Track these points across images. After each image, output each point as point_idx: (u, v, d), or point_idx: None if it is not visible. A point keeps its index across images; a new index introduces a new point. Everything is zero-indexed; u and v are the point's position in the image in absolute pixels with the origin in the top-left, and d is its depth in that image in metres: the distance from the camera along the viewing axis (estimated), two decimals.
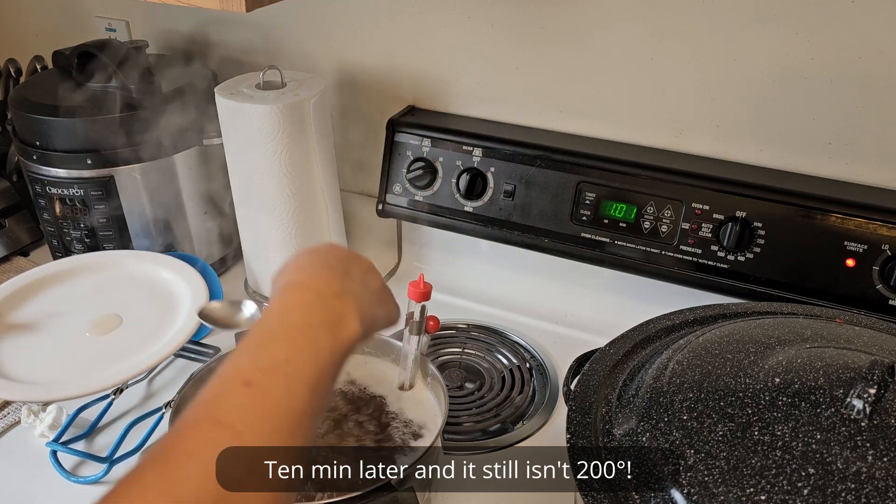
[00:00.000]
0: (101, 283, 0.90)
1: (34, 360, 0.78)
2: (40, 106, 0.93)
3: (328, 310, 0.50)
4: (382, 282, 0.59)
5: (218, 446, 0.39)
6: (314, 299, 0.50)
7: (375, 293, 0.56)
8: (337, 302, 0.51)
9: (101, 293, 0.88)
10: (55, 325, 0.83)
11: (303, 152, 0.88)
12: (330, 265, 0.54)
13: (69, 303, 0.86)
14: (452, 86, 0.98)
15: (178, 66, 1.01)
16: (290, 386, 0.44)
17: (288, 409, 0.44)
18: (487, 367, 0.88)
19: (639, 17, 0.84)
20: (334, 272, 0.53)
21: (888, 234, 0.75)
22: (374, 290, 0.56)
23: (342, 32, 1.01)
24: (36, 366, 0.77)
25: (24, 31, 1.29)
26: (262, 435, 0.42)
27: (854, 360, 0.52)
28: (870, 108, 0.78)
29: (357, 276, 0.55)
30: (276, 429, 0.43)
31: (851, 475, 0.45)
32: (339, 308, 0.50)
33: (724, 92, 0.84)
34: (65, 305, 0.86)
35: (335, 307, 0.50)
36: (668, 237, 0.84)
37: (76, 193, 0.93)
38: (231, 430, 0.41)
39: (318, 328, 0.48)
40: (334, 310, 0.50)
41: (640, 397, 0.56)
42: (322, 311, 0.50)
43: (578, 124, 0.93)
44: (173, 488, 0.38)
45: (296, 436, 0.43)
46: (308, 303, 0.50)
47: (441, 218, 0.95)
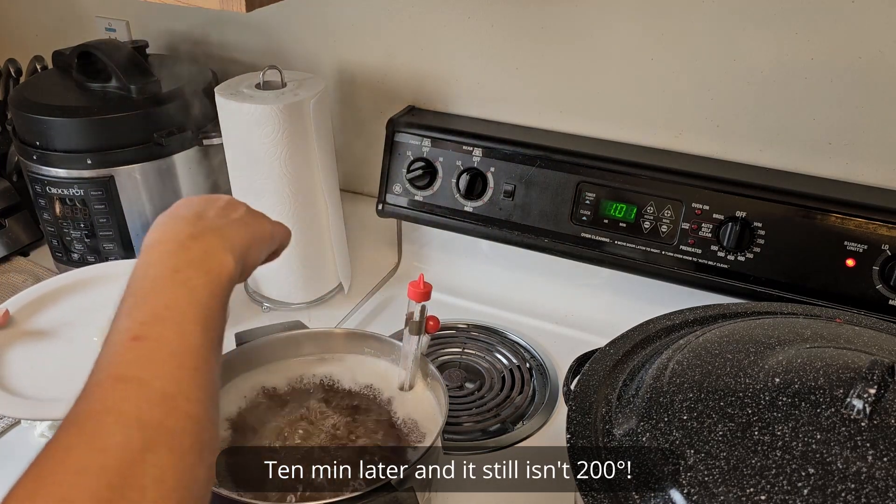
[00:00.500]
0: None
1: (41, 373, 0.78)
2: (40, 106, 0.93)
3: (189, 251, 0.50)
4: (246, 207, 0.59)
5: (128, 399, 0.40)
6: (172, 248, 0.51)
7: (239, 219, 0.56)
8: (195, 243, 0.51)
9: None
10: (68, 335, 0.83)
11: (303, 152, 0.88)
12: (180, 215, 0.55)
13: (84, 313, 0.86)
14: (452, 86, 0.98)
15: (178, 66, 1.01)
16: (179, 328, 0.45)
17: (185, 348, 0.44)
18: (487, 367, 0.88)
19: (639, 17, 0.84)
20: (186, 220, 0.54)
21: (888, 234, 0.75)
22: (237, 217, 0.57)
23: (342, 32, 1.01)
24: (42, 380, 0.77)
25: (24, 31, 1.29)
26: (167, 377, 0.42)
27: (854, 360, 0.52)
28: (870, 109, 0.78)
29: (213, 213, 0.55)
30: (179, 366, 0.43)
31: (851, 475, 0.45)
32: (200, 247, 0.51)
33: (724, 92, 0.84)
34: (79, 316, 0.86)
35: (195, 247, 0.51)
36: (668, 237, 0.84)
37: (76, 193, 0.93)
38: (136, 381, 0.41)
39: (186, 270, 0.49)
40: (194, 250, 0.51)
41: (640, 397, 0.56)
42: (184, 254, 0.50)
43: (578, 124, 0.93)
44: (98, 442, 0.38)
45: (200, 369, 0.44)
46: (168, 252, 0.50)
47: (441, 218, 0.95)
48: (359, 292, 1.00)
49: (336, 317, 0.96)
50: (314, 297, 0.98)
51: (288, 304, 0.98)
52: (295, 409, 0.70)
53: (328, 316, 0.96)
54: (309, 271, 0.96)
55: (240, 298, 1.01)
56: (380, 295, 1.01)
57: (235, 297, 1.03)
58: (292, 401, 0.71)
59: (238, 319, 0.95)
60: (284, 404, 0.70)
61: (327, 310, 0.98)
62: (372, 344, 0.76)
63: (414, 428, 0.68)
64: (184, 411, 0.42)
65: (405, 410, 0.70)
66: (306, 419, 0.68)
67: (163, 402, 0.41)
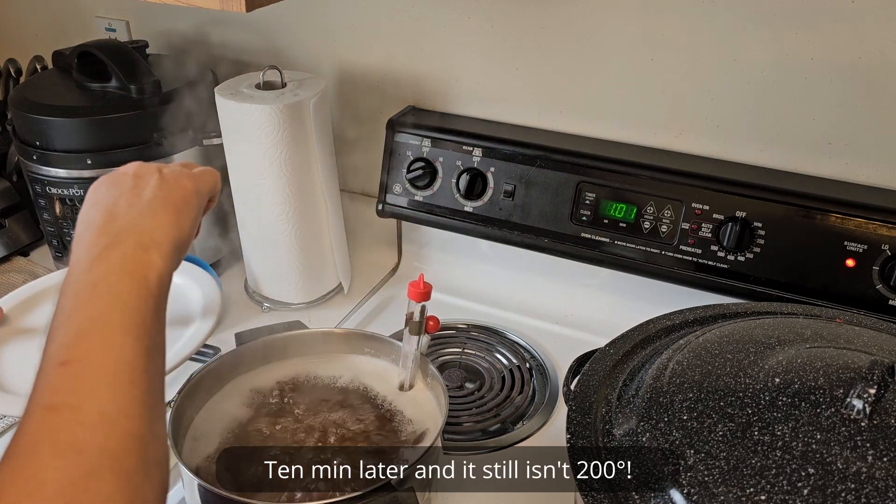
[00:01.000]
0: None
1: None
2: (40, 106, 0.93)
3: (106, 261, 0.47)
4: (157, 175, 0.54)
5: (61, 428, 0.38)
6: (87, 264, 0.47)
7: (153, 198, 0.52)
8: (111, 252, 0.48)
9: None
10: None
11: (303, 152, 0.88)
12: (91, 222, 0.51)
13: None
14: (452, 86, 0.98)
15: (178, 66, 1.01)
16: (107, 342, 0.43)
17: (116, 363, 0.42)
18: (487, 367, 0.88)
19: (639, 18, 0.84)
20: (97, 227, 0.50)
21: (888, 234, 0.75)
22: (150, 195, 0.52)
23: (342, 32, 1.01)
24: None
25: (24, 31, 1.29)
26: (101, 397, 0.40)
27: (854, 360, 0.52)
28: (870, 109, 0.78)
29: (124, 204, 0.51)
30: (112, 384, 0.41)
31: (851, 475, 0.45)
32: (118, 255, 0.48)
33: (724, 92, 0.84)
34: None
35: (112, 257, 0.47)
36: (668, 237, 0.84)
37: (76, 193, 0.93)
38: (67, 408, 0.39)
39: (107, 278, 0.46)
40: (112, 259, 0.47)
41: (640, 397, 0.56)
42: (101, 267, 0.47)
43: (578, 124, 0.93)
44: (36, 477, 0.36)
45: (137, 381, 0.42)
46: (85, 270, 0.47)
47: (441, 218, 0.95)
48: (359, 292, 1.00)
49: (336, 317, 0.96)
50: (314, 297, 0.98)
51: (288, 304, 0.98)
52: (295, 410, 0.70)
53: (328, 316, 0.96)
54: (309, 271, 0.96)
55: (240, 298, 1.01)
56: (380, 295, 1.01)
57: (235, 297, 1.03)
58: (292, 401, 0.71)
59: (238, 319, 0.96)
60: (284, 405, 0.70)
61: (327, 310, 0.98)
62: (372, 344, 0.76)
63: (414, 428, 0.68)
64: (124, 430, 0.40)
65: (405, 410, 0.70)
66: (306, 419, 0.69)
67: (100, 424, 0.39)
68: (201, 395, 0.70)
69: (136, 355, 0.43)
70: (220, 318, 0.96)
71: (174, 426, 0.64)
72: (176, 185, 0.55)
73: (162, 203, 0.52)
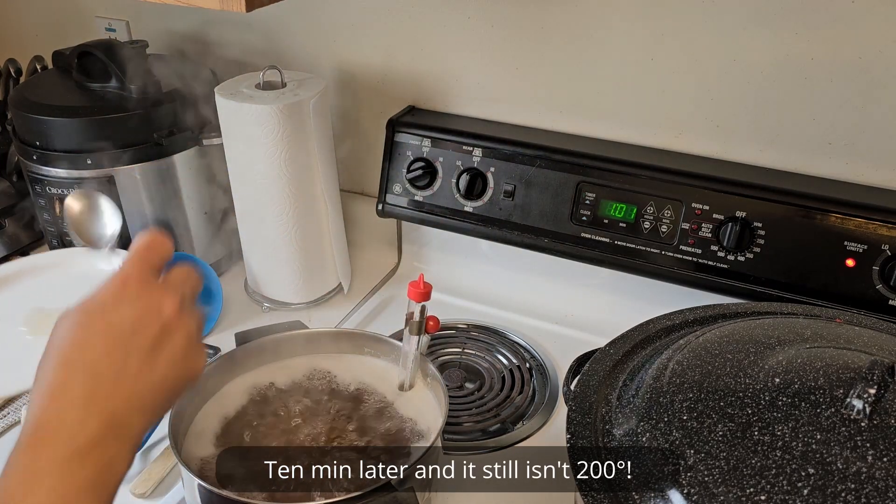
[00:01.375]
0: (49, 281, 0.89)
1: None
2: (40, 106, 0.93)
3: (82, 468, 0.38)
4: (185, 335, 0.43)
5: None
6: (61, 454, 0.38)
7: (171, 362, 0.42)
8: (93, 453, 0.38)
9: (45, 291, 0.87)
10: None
11: (303, 152, 0.88)
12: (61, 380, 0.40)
13: (17, 302, 0.85)
14: (452, 86, 0.98)
15: (179, 66, 1.01)
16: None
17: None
18: (487, 367, 0.88)
19: (639, 18, 0.84)
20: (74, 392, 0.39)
21: (888, 234, 0.75)
22: (168, 359, 0.42)
23: (342, 32, 1.01)
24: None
25: (24, 31, 1.29)
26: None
27: (854, 360, 0.52)
28: (870, 108, 0.78)
29: (136, 360, 0.41)
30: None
31: (851, 475, 0.45)
32: (96, 461, 0.39)
33: (724, 92, 0.84)
34: (11, 306, 0.85)
35: (90, 461, 0.38)
36: (668, 237, 0.84)
37: None
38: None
39: (78, 495, 0.38)
40: (88, 465, 0.38)
41: (640, 397, 0.56)
42: (74, 474, 0.38)
43: (578, 124, 0.93)
44: None
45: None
46: (54, 460, 0.38)
47: (441, 218, 0.95)
48: (359, 292, 1.00)
49: (336, 317, 0.96)
50: (314, 297, 0.98)
51: (288, 304, 0.98)
52: (294, 410, 0.70)
53: (328, 316, 0.96)
54: (309, 271, 0.96)
55: (240, 298, 1.01)
56: (380, 295, 1.01)
57: (235, 297, 1.03)
58: (292, 401, 0.71)
59: (238, 319, 0.96)
60: (284, 405, 0.70)
61: (327, 310, 0.98)
62: (372, 344, 0.76)
63: (414, 428, 0.68)
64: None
65: (405, 410, 0.70)
66: (306, 419, 0.69)
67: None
68: (201, 395, 0.70)
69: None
70: (219, 318, 0.96)
71: (174, 426, 0.64)
72: (193, 361, 0.45)
73: (160, 387, 0.42)
